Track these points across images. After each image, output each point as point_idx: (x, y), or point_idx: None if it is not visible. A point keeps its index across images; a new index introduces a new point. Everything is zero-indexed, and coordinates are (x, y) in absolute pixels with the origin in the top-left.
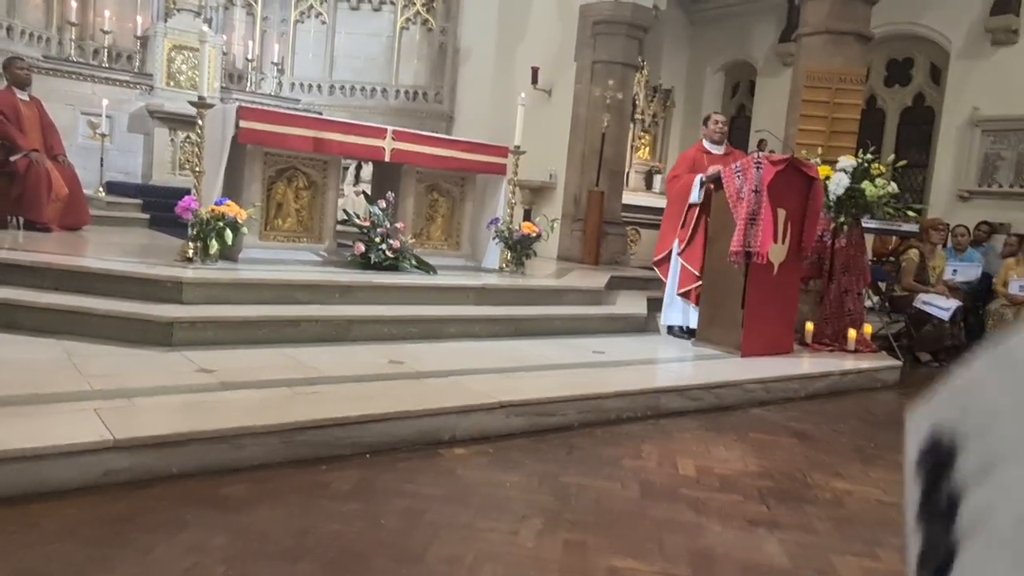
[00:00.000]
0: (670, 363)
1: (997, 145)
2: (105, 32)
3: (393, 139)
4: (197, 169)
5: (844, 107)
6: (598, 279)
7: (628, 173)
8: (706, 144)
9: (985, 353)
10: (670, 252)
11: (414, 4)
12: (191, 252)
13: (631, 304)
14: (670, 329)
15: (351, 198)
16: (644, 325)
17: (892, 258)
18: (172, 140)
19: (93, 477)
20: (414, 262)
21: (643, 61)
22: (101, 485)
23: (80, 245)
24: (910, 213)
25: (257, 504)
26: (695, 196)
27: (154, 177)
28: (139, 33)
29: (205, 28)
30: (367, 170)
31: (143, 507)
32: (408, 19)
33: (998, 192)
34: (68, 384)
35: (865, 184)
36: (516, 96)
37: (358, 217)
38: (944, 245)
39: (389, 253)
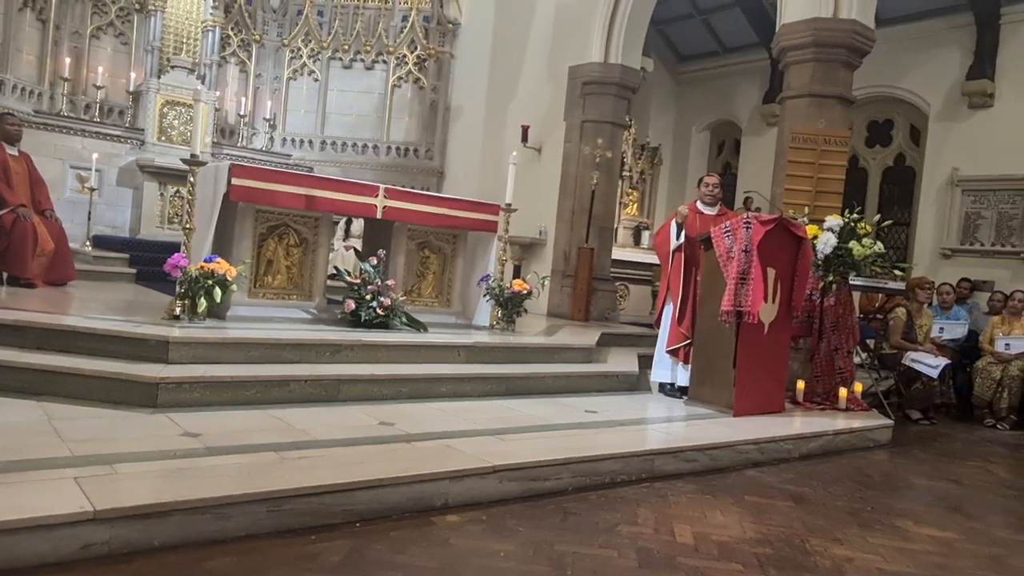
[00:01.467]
0: (663, 423)
1: (977, 204)
2: (97, 87)
3: (385, 197)
4: (187, 226)
5: (829, 168)
6: (589, 336)
7: (617, 229)
8: (699, 205)
9: None
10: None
11: (406, 63)
12: (178, 310)
13: (622, 362)
14: (662, 387)
15: (341, 252)
16: (636, 383)
17: (879, 315)
18: (162, 194)
19: (70, 552)
20: (405, 320)
21: (631, 120)
22: (79, 560)
23: (64, 302)
24: (897, 272)
25: None
26: (673, 241)
27: (142, 231)
28: (132, 88)
29: (200, 87)
30: (357, 224)
31: None
32: (400, 77)
33: (979, 250)
34: (47, 450)
35: (852, 243)
36: (506, 153)
37: (349, 274)
38: (930, 303)
39: (380, 311)
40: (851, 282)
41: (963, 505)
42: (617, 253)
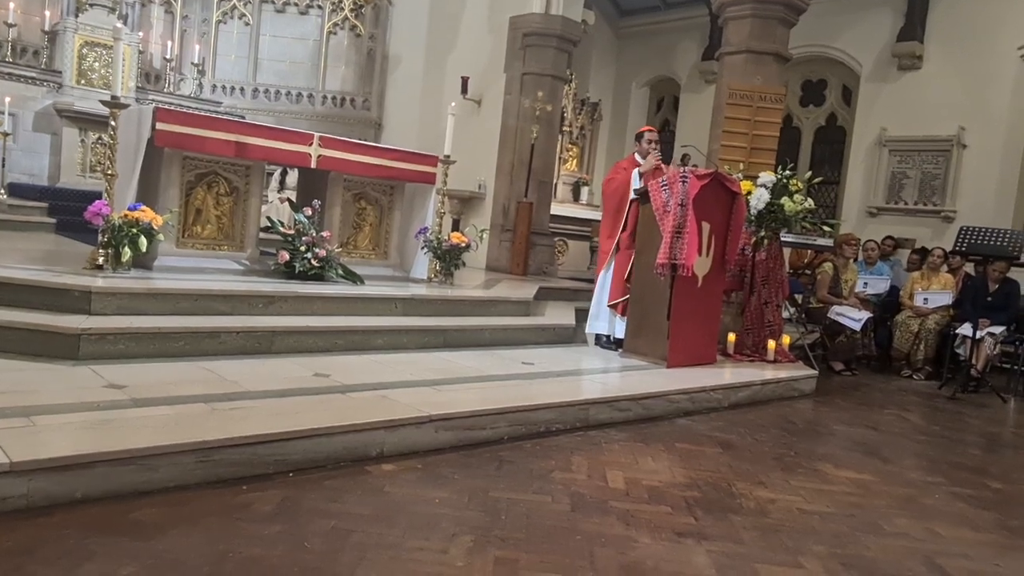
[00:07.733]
0: (598, 374)
1: (903, 164)
2: (9, 25)
3: (320, 145)
4: (109, 172)
5: (764, 124)
6: (527, 290)
7: (556, 184)
8: (638, 158)
9: None
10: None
11: (342, 9)
12: (101, 260)
13: (559, 315)
14: (598, 339)
15: (276, 205)
16: (572, 336)
17: (807, 271)
18: (83, 141)
19: None
20: (340, 272)
21: (571, 74)
22: None
23: None
24: (826, 228)
25: (171, 529)
26: (636, 182)
27: (62, 179)
28: (47, 28)
29: (120, 24)
30: (293, 176)
31: (43, 537)
32: (336, 24)
33: (903, 209)
34: None
35: (784, 199)
36: (445, 105)
37: (282, 225)
38: (855, 259)
39: (314, 262)
40: (782, 238)
41: (879, 450)
42: (556, 208)
